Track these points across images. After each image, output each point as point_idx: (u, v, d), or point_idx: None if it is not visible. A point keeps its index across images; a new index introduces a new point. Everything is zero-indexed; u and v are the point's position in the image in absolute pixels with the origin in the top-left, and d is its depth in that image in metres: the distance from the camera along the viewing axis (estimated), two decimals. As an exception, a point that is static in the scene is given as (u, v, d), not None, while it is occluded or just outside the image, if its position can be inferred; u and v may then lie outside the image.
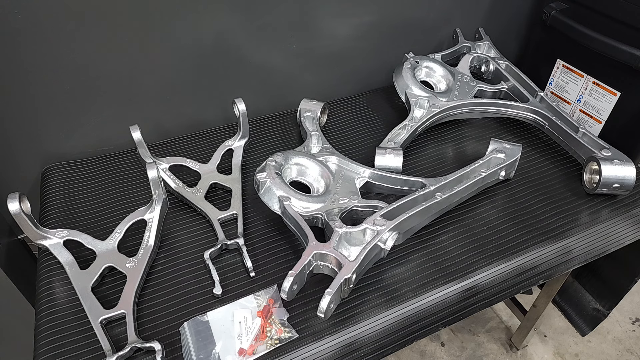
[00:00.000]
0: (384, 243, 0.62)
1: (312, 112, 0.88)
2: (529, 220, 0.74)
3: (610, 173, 0.74)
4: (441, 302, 0.64)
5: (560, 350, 1.33)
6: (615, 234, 0.74)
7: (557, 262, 0.70)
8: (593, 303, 1.05)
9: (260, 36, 0.87)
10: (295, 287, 0.58)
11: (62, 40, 0.73)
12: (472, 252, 0.69)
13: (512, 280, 0.67)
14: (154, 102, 0.87)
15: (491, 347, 1.34)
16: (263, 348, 0.57)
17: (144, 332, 0.59)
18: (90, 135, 0.85)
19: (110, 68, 0.79)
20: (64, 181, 0.81)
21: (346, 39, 0.96)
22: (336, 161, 0.76)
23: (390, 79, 0.94)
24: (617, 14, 0.85)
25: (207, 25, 0.82)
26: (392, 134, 0.84)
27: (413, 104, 0.87)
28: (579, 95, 0.97)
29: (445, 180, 0.71)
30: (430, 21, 1.04)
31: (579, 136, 0.82)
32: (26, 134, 0.81)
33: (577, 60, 0.96)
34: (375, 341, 0.59)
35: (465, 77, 0.94)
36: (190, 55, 0.84)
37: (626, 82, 0.87)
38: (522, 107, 0.90)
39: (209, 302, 0.63)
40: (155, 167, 0.69)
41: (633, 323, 1.41)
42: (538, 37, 1.05)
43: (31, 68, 0.74)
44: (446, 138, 0.91)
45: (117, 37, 0.76)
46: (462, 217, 0.75)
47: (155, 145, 0.87)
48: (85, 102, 0.81)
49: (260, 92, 0.95)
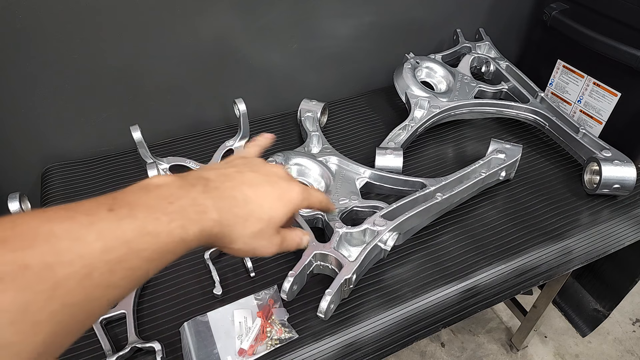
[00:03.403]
0: (384, 243, 0.62)
1: (313, 113, 0.88)
2: (529, 221, 0.74)
3: (610, 174, 0.74)
4: (441, 303, 0.64)
5: (560, 351, 1.33)
6: (615, 234, 0.74)
7: (558, 263, 0.70)
8: (593, 304, 1.05)
9: (261, 36, 0.87)
10: (295, 288, 0.58)
11: (62, 40, 0.73)
12: (473, 253, 0.69)
13: (513, 280, 0.67)
14: (154, 102, 0.87)
15: (491, 347, 1.34)
16: (263, 348, 0.57)
17: (144, 332, 0.59)
18: (90, 135, 0.85)
19: (110, 68, 0.79)
20: (64, 181, 0.81)
21: (346, 39, 0.96)
22: (336, 161, 0.76)
23: (390, 79, 0.94)
24: (618, 15, 0.85)
25: (207, 26, 0.82)
26: (392, 134, 0.84)
27: (413, 104, 0.87)
28: (579, 96, 0.97)
29: (446, 180, 0.71)
30: (430, 21, 1.04)
31: (579, 137, 0.82)
32: (26, 134, 0.81)
33: (578, 61, 0.96)
34: (375, 341, 0.59)
35: (465, 78, 0.94)
36: (190, 55, 0.84)
37: (627, 83, 0.87)
38: (523, 107, 0.90)
39: (209, 302, 0.63)
40: (156, 167, 0.69)
41: (633, 324, 1.40)
42: (538, 38, 1.05)
43: (31, 68, 0.74)
44: (446, 138, 0.91)
45: (117, 37, 0.76)
46: (463, 217, 0.75)
47: (155, 145, 0.87)
48: (85, 102, 0.81)
49: (260, 92, 0.95)
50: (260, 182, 0.42)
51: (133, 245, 0.29)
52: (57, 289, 0.25)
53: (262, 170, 0.43)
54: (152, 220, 0.31)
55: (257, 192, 0.40)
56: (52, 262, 0.25)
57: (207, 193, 0.36)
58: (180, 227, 0.32)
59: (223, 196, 0.37)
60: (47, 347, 0.25)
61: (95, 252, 0.27)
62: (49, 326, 0.25)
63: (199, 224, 0.34)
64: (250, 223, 0.39)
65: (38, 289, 0.24)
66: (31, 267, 0.24)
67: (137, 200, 0.32)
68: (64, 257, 0.26)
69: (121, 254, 0.28)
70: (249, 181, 0.41)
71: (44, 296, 0.24)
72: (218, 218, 0.36)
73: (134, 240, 0.29)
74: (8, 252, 0.24)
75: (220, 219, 0.36)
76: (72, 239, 0.27)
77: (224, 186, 0.38)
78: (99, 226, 0.28)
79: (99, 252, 0.27)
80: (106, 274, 0.28)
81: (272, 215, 0.41)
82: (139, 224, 0.30)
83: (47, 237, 0.26)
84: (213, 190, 0.37)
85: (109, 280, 0.28)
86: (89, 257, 0.27)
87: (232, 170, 0.41)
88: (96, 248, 0.27)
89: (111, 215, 0.29)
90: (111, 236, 0.28)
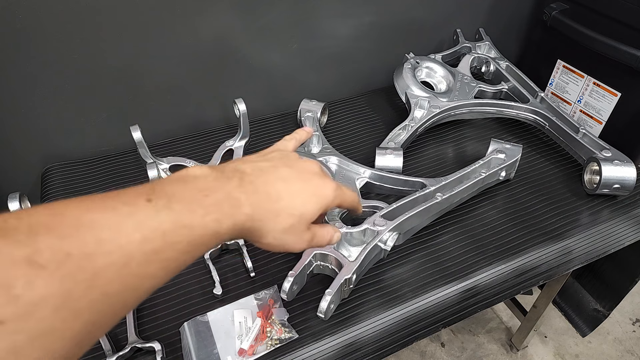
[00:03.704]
0: (384, 243, 0.62)
1: (313, 113, 0.88)
2: (529, 221, 0.74)
3: (610, 174, 0.74)
4: (441, 303, 0.64)
5: (560, 351, 1.33)
6: (615, 234, 0.74)
7: (558, 263, 0.70)
8: (593, 304, 1.05)
9: (261, 36, 0.87)
10: (295, 288, 0.58)
11: (62, 40, 0.73)
12: (473, 253, 0.69)
13: (513, 280, 0.67)
14: (154, 102, 0.87)
15: (491, 347, 1.34)
16: (263, 348, 0.57)
17: (144, 332, 0.59)
18: (90, 135, 0.86)
19: (110, 68, 0.79)
20: (64, 181, 0.81)
21: (346, 39, 0.96)
22: (336, 161, 0.76)
23: (390, 79, 0.94)
24: (618, 15, 0.85)
25: (207, 26, 0.82)
26: (392, 134, 0.84)
27: (413, 104, 0.87)
28: (579, 96, 0.97)
29: (446, 180, 0.71)
30: (430, 21, 1.04)
31: (579, 137, 0.82)
32: (26, 134, 0.81)
33: (578, 61, 0.96)
34: (375, 341, 0.59)
35: (465, 78, 0.94)
36: (190, 55, 0.84)
37: (627, 83, 0.87)
38: (523, 107, 0.90)
39: (209, 302, 0.63)
40: (156, 167, 0.69)
41: (633, 324, 1.40)
42: (538, 38, 1.05)
43: (31, 68, 0.74)
44: (446, 138, 0.91)
45: (118, 37, 0.76)
46: (463, 217, 0.75)
47: (155, 145, 0.87)
48: (85, 102, 0.81)
49: (260, 92, 0.95)
50: (294, 178, 0.42)
51: (169, 237, 0.30)
52: (96, 278, 0.25)
53: (297, 166, 0.44)
54: (188, 212, 0.31)
55: (291, 188, 0.41)
56: (93, 251, 0.26)
57: (242, 187, 0.37)
58: (214, 220, 0.33)
59: (257, 191, 0.38)
60: (84, 335, 0.25)
61: (134, 243, 0.28)
62: (88, 315, 0.25)
63: (232, 218, 0.35)
64: (282, 219, 0.39)
65: (79, 278, 0.25)
66: (73, 256, 0.25)
67: (174, 191, 0.32)
68: (104, 247, 0.26)
69: (157, 245, 0.29)
70: (283, 177, 0.41)
71: (84, 285, 0.25)
72: (251, 213, 0.37)
73: (170, 232, 0.30)
74: (54, 240, 0.25)
75: (253, 213, 0.37)
76: (112, 229, 0.27)
77: (259, 181, 0.39)
78: (137, 217, 0.29)
79: (137, 243, 0.28)
80: (143, 265, 0.28)
81: (303, 212, 0.41)
82: (175, 216, 0.31)
83: (89, 226, 0.26)
84: (248, 184, 0.38)
85: (145, 271, 0.28)
86: (128, 248, 0.27)
87: (268, 165, 0.42)
88: (135, 239, 0.28)
89: (149, 206, 0.30)
90: (149, 227, 0.29)
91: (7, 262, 0.23)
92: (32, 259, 0.23)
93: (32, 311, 0.22)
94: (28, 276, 0.23)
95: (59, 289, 0.24)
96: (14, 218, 0.25)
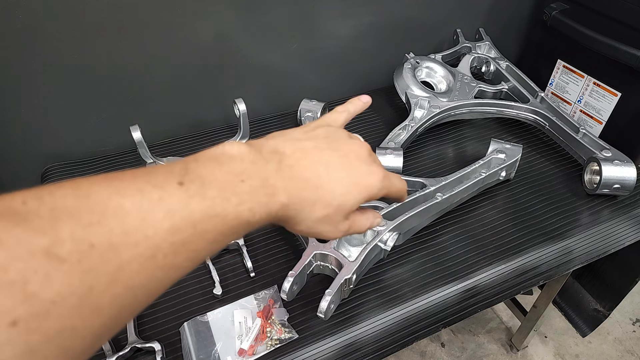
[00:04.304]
0: (384, 243, 0.62)
1: (313, 113, 0.88)
2: (530, 221, 0.74)
3: (610, 173, 0.74)
4: (441, 303, 0.64)
5: (560, 351, 1.33)
6: (615, 234, 0.74)
7: (558, 263, 0.70)
8: (593, 304, 1.05)
9: (261, 36, 0.87)
10: (295, 288, 0.58)
11: (62, 40, 0.73)
12: (473, 253, 0.69)
13: (513, 280, 0.67)
14: (154, 102, 0.87)
15: (491, 347, 1.34)
16: (263, 348, 0.57)
17: (144, 332, 0.59)
18: (90, 135, 0.85)
19: (110, 68, 0.79)
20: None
21: (346, 39, 0.96)
22: (336, 161, 0.76)
23: (390, 79, 0.94)
24: (618, 15, 0.85)
25: (207, 26, 0.82)
26: (392, 134, 0.84)
27: (413, 104, 0.87)
28: (579, 96, 0.97)
29: (446, 180, 0.71)
30: (430, 21, 1.04)
31: (579, 137, 0.82)
32: (26, 134, 0.81)
33: (578, 61, 0.96)
34: (375, 341, 0.59)
35: (465, 78, 0.94)
36: (190, 55, 0.84)
37: (627, 83, 0.87)
38: (523, 107, 0.90)
39: (209, 302, 0.63)
40: (156, 167, 0.69)
41: (634, 324, 1.40)
42: (538, 38, 1.05)
43: (31, 68, 0.74)
44: (446, 138, 0.91)
45: (118, 38, 0.76)
46: (463, 217, 0.75)
47: (155, 145, 0.87)
48: (85, 102, 0.81)
49: (260, 92, 0.95)
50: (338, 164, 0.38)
51: (199, 227, 0.28)
52: (120, 271, 0.24)
53: (342, 148, 0.40)
54: (221, 200, 0.29)
55: (332, 175, 0.38)
56: (118, 242, 0.24)
57: (280, 172, 0.35)
58: (248, 209, 0.31)
59: (295, 177, 0.35)
60: (104, 331, 0.24)
61: (161, 233, 0.26)
62: (109, 310, 0.24)
63: (266, 207, 0.33)
64: (318, 208, 0.37)
65: (102, 272, 0.23)
66: (97, 247, 0.23)
67: (208, 174, 0.30)
68: (130, 237, 0.24)
69: (186, 236, 0.27)
70: (325, 161, 0.38)
71: (107, 279, 0.23)
72: (286, 202, 0.34)
73: (201, 222, 0.28)
74: (77, 228, 0.23)
75: (289, 202, 0.35)
76: (140, 217, 0.25)
77: (299, 165, 0.36)
78: (167, 203, 0.27)
79: (165, 233, 0.26)
80: (170, 256, 0.26)
81: (342, 202, 0.38)
82: (207, 205, 0.29)
83: (115, 212, 0.24)
84: (287, 169, 0.35)
85: (172, 262, 0.27)
86: (155, 239, 0.25)
87: (311, 146, 0.38)
88: (163, 228, 0.26)
89: (181, 191, 0.28)
90: (179, 217, 0.27)
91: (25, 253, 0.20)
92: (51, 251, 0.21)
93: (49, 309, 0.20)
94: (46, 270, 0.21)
95: (80, 285, 0.22)
96: (35, 199, 0.23)
